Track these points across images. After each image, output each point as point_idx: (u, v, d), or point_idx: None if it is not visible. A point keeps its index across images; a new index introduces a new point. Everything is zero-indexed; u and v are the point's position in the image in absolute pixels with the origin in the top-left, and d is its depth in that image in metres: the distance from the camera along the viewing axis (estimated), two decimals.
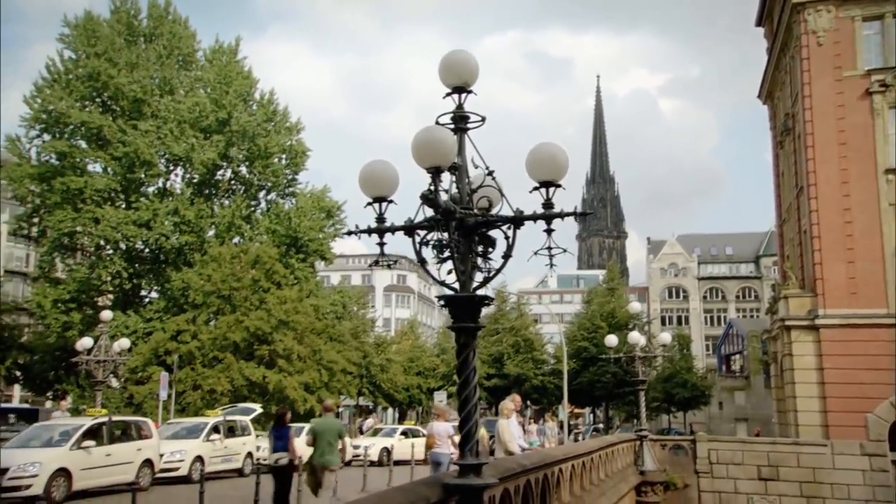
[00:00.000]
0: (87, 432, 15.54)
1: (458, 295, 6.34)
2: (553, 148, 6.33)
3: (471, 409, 6.15)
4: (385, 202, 6.52)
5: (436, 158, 6.01)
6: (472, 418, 6.15)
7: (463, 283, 6.36)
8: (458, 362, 6.40)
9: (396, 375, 55.09)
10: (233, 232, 40.47)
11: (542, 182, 6.27)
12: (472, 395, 6.20)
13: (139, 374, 33.21)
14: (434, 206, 6.04)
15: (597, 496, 13.25)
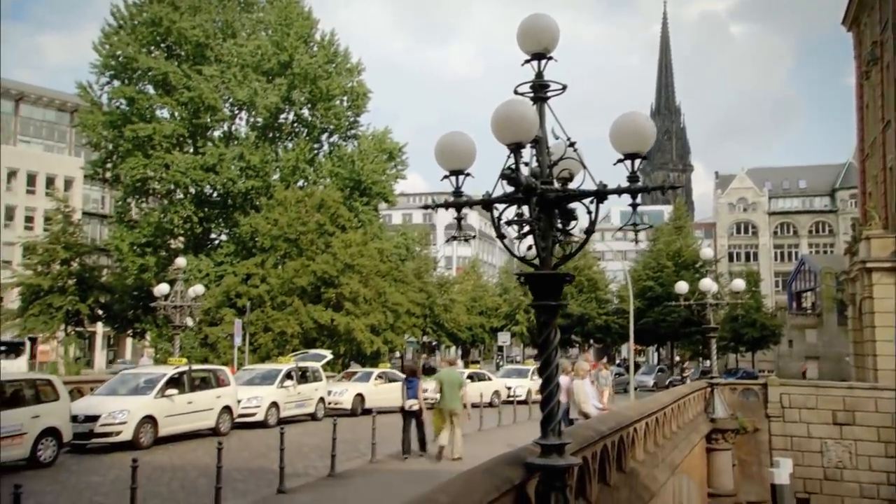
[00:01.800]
0: (170, 381, 16.26)
1: (539, 273, 6.15)
2: (639, 118, 5.99)
3: (553, 389, 6.03)
4: (462, 175, 6.31)
5: (517, 134, 5.75)
6: (555, 398, 6.03)
7: (543, 259, 6.16)
8: (539, 340, 6.26)
9: (459, 315, 55.63)
10: (297, 176, 40.90)
11: (627, 154, 5.96)
12: (555, 374, 6.08)
13: (212, 315, 34.38)
14: (515, 185, 5.82)
15: (669, 450, 13.16)
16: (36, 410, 12.96)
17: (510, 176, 5.76)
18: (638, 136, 5.98)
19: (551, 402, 6.04)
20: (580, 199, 6.24)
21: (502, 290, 64.76)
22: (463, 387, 13.94)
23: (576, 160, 6.41)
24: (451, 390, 13.61)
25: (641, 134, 5.98)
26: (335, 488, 10.50)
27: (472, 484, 5.31)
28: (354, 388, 23.19)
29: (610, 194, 6.14)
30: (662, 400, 13.33)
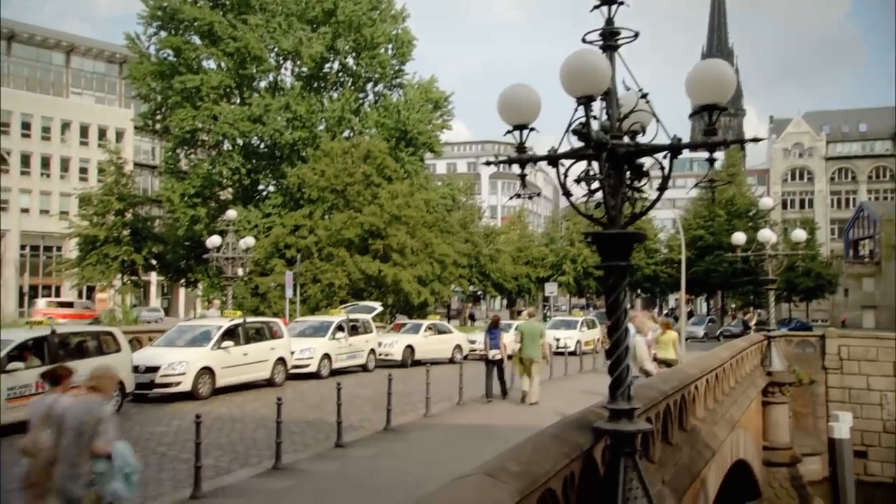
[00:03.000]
0: (226, 333, 16.55)
1: (607, 232, 5.89)
2: (718, 66, 5.60)
3: (622, 353, 5.82)
4: (526, 130, 6.04)
5: (588, 86, 5.43)
6: (624, 361, 5.84)
7: (613, 218, 5.89)
8: (608, 303, 6.03)
9: (505, 265, 55.47)
10: (343, 126, 40.74)
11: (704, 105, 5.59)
12: (624, 337, 5.87)
13: (262, 266, 34.87)
14: (586, 140, 5.52)
15: (728, 406, 12.92)
16: (99, 362, 13.27)
17: (581, 131, 5.46)
18: (717, 85, 5.61)
19: (620, 365, 5.84)
20: (653, 153, 5.93)
21: (548, 239, 64.23)
22: (542, 337, 14.89)
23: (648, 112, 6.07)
24: (531, 340, 14.57)
25: (720, 83, 5.61)
26: (393, 443, 10.57)
27: (542, 450, 5.19)
28: (404, 339, 23.34)
29: (685, 148, 5.81)
30: (722, 355, 13.02)
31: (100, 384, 5.63)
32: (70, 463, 5.21)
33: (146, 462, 9.78)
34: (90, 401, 5.50)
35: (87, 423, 5.28)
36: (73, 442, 5.23)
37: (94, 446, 5.25)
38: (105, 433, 5.33)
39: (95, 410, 5.43)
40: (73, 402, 5.46)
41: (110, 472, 5.25)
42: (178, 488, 8.41)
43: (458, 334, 26.13)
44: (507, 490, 4.35)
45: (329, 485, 8.35)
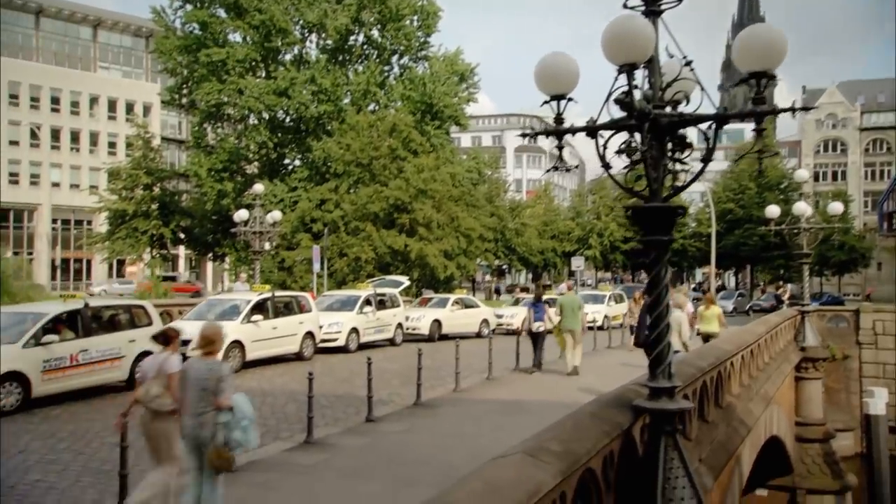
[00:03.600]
0: (255, 307, 16.60)
1: (649, 206, 5.69)
2: (770, 31, 5.34)
3: (663, 329, 5.66)
4: (564, 100, 5.84)
5: (631, 54, 5.21)
6: (665, 338, 5.68)
7: (654, 191, 5.69)
8: (649, 279, 5.86)
9: (531, 239, 55.18)
10: (368, 99, 40.51)
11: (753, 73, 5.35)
12: (665, 314, 5.70)
13: (289, 240, 35.01)
14: (628, 109, 5.32)
15: (763, 382, 12.70)
16: (131, 335, 13.41)
17: (624, 100, 5.25)
18: (768, 51, 5.36)
19: (661, 342, 5.69)
20: (698, 123, 5.71)
21: (575, 213, 63.70)
22: (581, 309, 15.69)
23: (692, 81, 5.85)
24: (570, 312, 15.37)
25: (772, 49, 5.35)
26: (423, 418, 10.53)
27: (583, 429, 5.07)
28: (431, 313, 23.30)
29: (732, 118, 5.58)
30: (757, 331, 12.77)
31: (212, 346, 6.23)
32: (196, 414, 5.95)
33: None
34: (211, 361, 6.15)
35: (209, 381, 5.94)
36: (197, 396, 5.95)
37: (216, 400, 5.92)
38: (225, 389, 5.98)
39: (216, 369, 6.06)
40: (197, 362, 6.15)
41: (232, 423, 5.93)
42: None
43: (485, 309, 26.04)
44: (548, 470, 4.25)
45: (361, 459, 8.34)
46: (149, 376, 6.42)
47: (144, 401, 6.33)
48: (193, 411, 5.96)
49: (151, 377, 6.39)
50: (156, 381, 6.33)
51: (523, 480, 4.04)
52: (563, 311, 15.51)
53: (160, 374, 6.35)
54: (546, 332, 15.95)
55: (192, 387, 5.98)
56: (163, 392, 6.28)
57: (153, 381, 6.35)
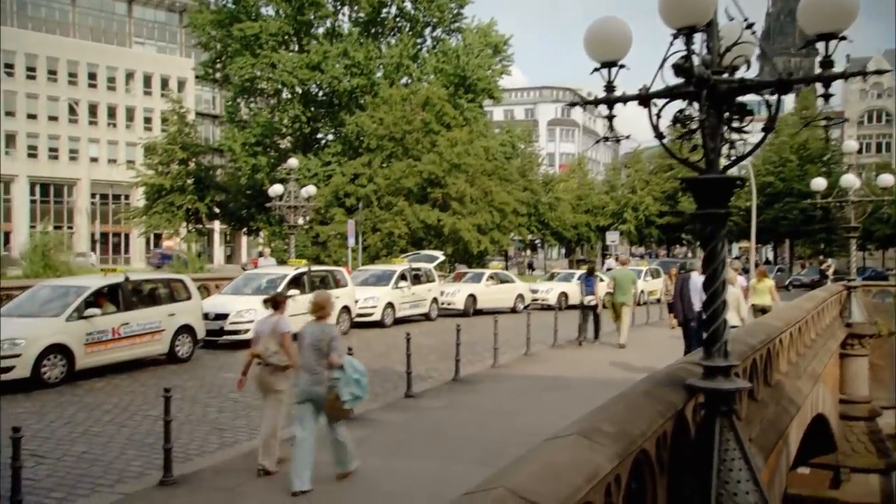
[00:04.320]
0: (291, 281, 16.63)
1: (706, 177, 5.44)
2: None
3: (719, 306, 5.44)
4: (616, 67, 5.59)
5: (691, 15, 4.95)
6: (721, 315, 5.45)
7: (711, 161, 5.43)
8: (705, 253, 5.62)
9: (564, 213, 54.65)
10: (401, 73, 40.18)
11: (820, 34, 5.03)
12: (721, 290, 5.47)
13: (322, 214, 35.06)
14: (687, 76, 5.05)
15: (810, 359, 12.37)
16: (171, 309, 13.52)
17: (683, 66, 4.99)
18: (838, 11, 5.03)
19: (717, 319, 5.47)
20: (759, 90, 5.42)
21: (609, 187, 62.87)
22: (634, 283, 16.10)
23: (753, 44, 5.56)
24: (623, 286, 15.66)
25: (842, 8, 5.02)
26: (462, 394, 10.44)
27: (636, 409, 4.89)
28: (466, 288, 23.18)
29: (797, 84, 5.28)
30: (804, 306, 12.42)
31: (323, 310, 6.89)
32: (312, 371, 6.64)
33: (221, 408, 9.93)
34: (323, 323, 6.85)
35: (322, 341, 6.63)
36: (312, 356, 6.64)
37: (329, 359, 6.60)
38: (337, 348, 6.67)
39: (328, 331, 6.79)
40: (311, 325, 6.84)
41: (344, 379, 6.61)
42: (252, 436, 8.45)
43: (521, 283, 25.83)
44: (604, 453, 4.09)
45: (403, 436, 8.28)
46: (263, 336, 7.16)
47: (265, 356, 7.06)
48: (309, 369, 6.64)
49: (266, 336, 7.13)
50: (271, 340, 7.08)
51: (580, 463, 3.90)
52: (616, 286, 15.78)
53: (274, 334, 7.09)
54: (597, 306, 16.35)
55: (307, 347, 6.66)
56: (278, 349, 7.03)
57: (268, 340, 7.10)
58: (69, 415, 9.51)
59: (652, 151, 68.64)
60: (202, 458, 7.58)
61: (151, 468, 7.20)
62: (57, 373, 11.27)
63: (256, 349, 7.15)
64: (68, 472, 7.14)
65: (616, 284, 15.89)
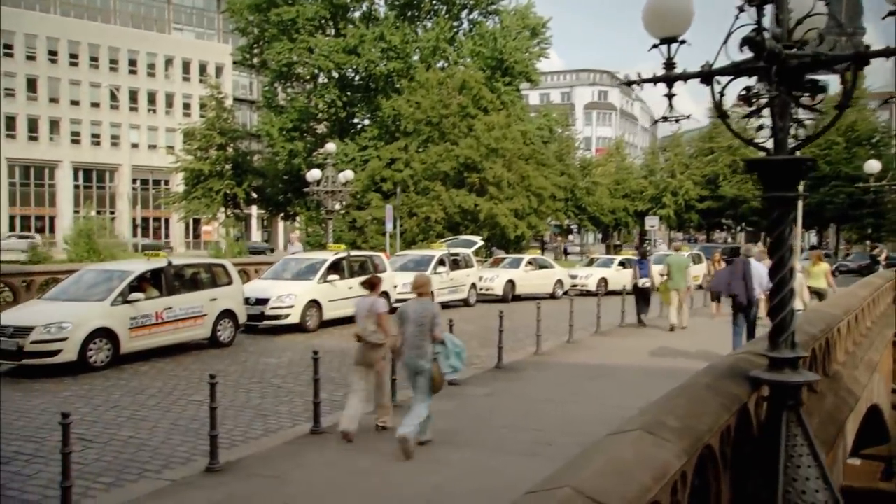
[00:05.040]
0: (331, 266, 16.59)
1: (774, 158, 5.15)
2: None
3: (786, 295, 5.16)
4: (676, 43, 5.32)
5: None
6: (788, 304, 5.18)
7: (780, 141, 5.14)
8: (771, 239, 5.34)
9: (602, 198, 53.94)
10: (437, 56, 39.87)
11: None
12: (789, 278, 5.19)
13: (359, 199, 35.05)
14: (758, 50, 4.75)
15: (866, 349, 11.94)
16: (213, 293, 13.55)
17: (754, 39, 4.70)
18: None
19: (784, 309, 5.20)
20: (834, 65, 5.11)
21: (647, 171, 61.84)
22: (688, 268, 16.34)
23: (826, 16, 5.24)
24: (678, 272, 15.93)
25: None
26: (507, 382, 10.26)
27: (700, 402, 4.66)
28: (505, 274, 22.94)
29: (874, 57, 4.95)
30: (860, 294, 11.98)
31: (423, 289, 7.40)
32: (415, 346, 7.09)
33: (264, 394, 9.90)
34: (424, 301, 7.36)
35: (424, 318, 7.09)
36: (415, 331, 7.08)
37: (433, 334, 7.09)
38: (439, 324, 7.18)
39: (429, 308, 7.27)
40: (413, 303, 7.33)
41: (445, 352, 7.15)
42: (296, 422, 8.40)
43: (560, 269, 25.50)
44: (670, 449, 3.88)
45: (449, 424, 8.12)
46: (361, 315, 7.69)
47: (364, 335, 7.57)
48: (412, 344, 7.09)
49: (364, 316, 7.64)
50: (369, 319, 7.57)
51: (646, 460, 3.69)
52: (670, 271, 16.02)
53: (371, 314, 7.56)
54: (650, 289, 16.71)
55: (411, 323, 7.09)
56: (376, 328, 7.50)
57: (366, 319, 7.60)
58: (115, 399, 9.58)
59: (692, 135, 67.30)
60: (247, 444, 7.53)
61: (197, 454, 7.18)
62: (103, 356, 11.37)
63: (356, 329, 7.70)
64: (115, 457, 7.15)
65: (669, 269, 16.11)
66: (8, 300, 16.70)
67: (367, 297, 7.86)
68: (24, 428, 8.19)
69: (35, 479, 6.59)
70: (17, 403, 9.35)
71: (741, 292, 11.70)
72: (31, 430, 8.11)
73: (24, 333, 10.88)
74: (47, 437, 7.75)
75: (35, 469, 6.84)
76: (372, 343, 7.53)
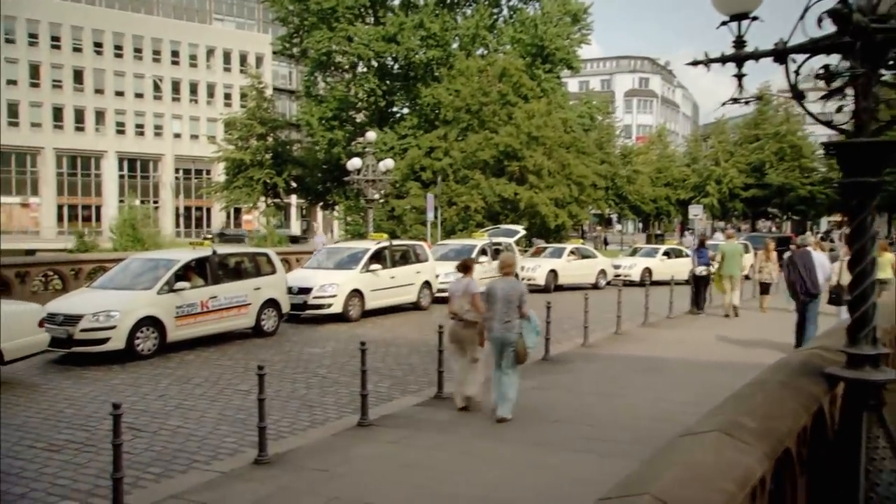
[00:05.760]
0: (373, 256, 16.48)
1: (857, 141, 4.80)
2: None
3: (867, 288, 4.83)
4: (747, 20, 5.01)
5: None
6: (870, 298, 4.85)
7: (862, 123, 4.79)
8: (851, 228, 5.00)
9: (643, 187, 53.05)
10: (477, 44, 39.49)
11: None
12: (870, 270, 4.86)
13: (398, 188, 34.96)
14: (844, 24, 4.42)
15: None
16: (257, 282, 13.55)
17: (840, 12, 4.36)
18: None
19: (865, 302, 4.86)
20: None
21: (690, 159, 60.65)
22: (742, 256, 16.71)
23: None
24: (731, 259, 16.30)
25: None
26: (556, 374, 10.02)
27: (777, 402, 4.37)
28: (547, 264, 22.61)
29: None
30: None
31: (509, 268, 8.03)
32: (503, 320, 7.67)
33: (309, 384, 9.82)
34: (511, 280, 7.95)
35: (512, 295, 7.66)
36: (503, 308, 7.64)
37: (521, 310, 7.69)
38: (526, 301, 7.74)
39: (517, 286, 7.86)
40: (501, 281, 7.87)
41: (529, 327, 7.86)
42: (342, 414, 8.29)
43: (603, 259, 25.08)
44: (752, 454, 3.61)
45: None
46: (456, 296, 8.20)
47: (460, 314, 8.11)
48: (500, 319, 7.65)
49: (458, 296, 8.17)
50: (464, 299, 8.08)
51: (728, 465, 3.43)
52: (724, 258, 16.34)
53: (465, 294, 8.08)
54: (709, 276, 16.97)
55: (499, 300, 7.64)
56: (470, 307, 8.00)
57: (461, 299, 8.12)
58: (163, 387, 9.59)
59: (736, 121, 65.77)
60: (294, 436, 7.43)
61: (245, 445, 7.10)
62: (149, 345, 11.43)
63: (453, 307, 8.21)
64: (164, 447, 7.11)
65: (724, 257, 16.37)
66: (57, 287, 16.99)
67: (461, 279, 8.35)
68: (74, 416, 8.23)
69: (86, 468, 6.57)
70: (67, 391, 9.42)
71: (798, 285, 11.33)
72: (82, 418, 8.14)
73: (74, 321, 10.97)
74: (97, 426, 7.76)
75: (86, 458, 6.83)
76: (466, 321, 8.07)
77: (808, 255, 11.49)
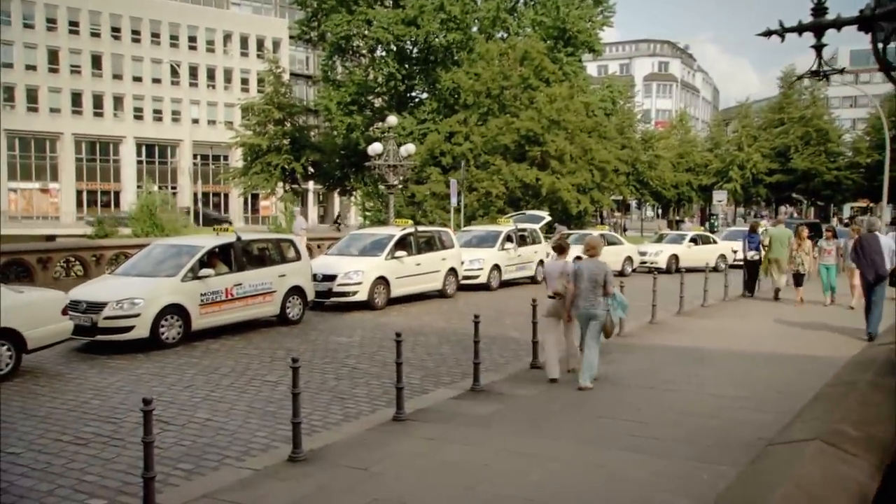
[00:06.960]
0: (398, 242, 16.13)
1: None
2: None
3: None
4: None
5: None
6: None
7: None
8: None
9: (665, 172, 52.27)
10: (497, 26, 38.86)
11: None
12: None
13: (418, 173, 34.52)
14: None
15: None
16: (282, 270, 13.25)
17: None
18: None
19: None
20: None
21: (713, 144, 59.73)
22: (790, 241, 16.62)
23: None
24: (779, 244, 16.75)
25: None
26: None
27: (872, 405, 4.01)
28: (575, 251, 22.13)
29: None
30: None
31: (595, 250, 8.59)
32: (589, 298, 8.39)
33: (338, 375, 9.52)
34: (596, 260, 8.54)
35: (598, 274, 8.37)
36: (588, 286, 8.36)
37: (606, 289, 8.36)
38: (611, 281, 8.45)
39: (602, 267, 8.50)
40: (587, 262, 8.52)
41: (614, 304, 8.66)
42: (375, 407, 7.97)
43: (629, 245, 24.59)
44: (860, 466, 3.24)
45: (538, 412, 7.59)
46: (553, 276, 8.88)
47: (561, 292, 8.71)
48: (587, 296, 8.38)
49: (556, 277, 8.81)
50: (561, 280, 8.72)
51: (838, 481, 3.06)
52: (771, 243, 16.92)
53: (563, 275, 8.71)
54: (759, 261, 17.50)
55: (586, 279, 8.36)
56: (567, 286, 8.59)
57: (559, 280, 8.76)
58: (189, 377, 9.32)
59: (760, 105, 64.63)
60: (328, 431, 7.12)
61: (277, 440, 6.81)
62: (174, 333, 11.17)
63: (555, 287, 8.79)
64: (194, 441, 6.83)
65: (772, 241, 16.88)
66: (79, 274, 16.81)
67: (556, 260, 9.04)
68: (100, 407, 7.98)
69: (114, 463, 6.30)
70: (91, 381, 9.18)
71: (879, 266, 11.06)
72: (108, 409, 7.88)
73: (98, 309, 10.73)
74: (124, 418, 7.50)
75: (114, 452, 6.56)
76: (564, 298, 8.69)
77: (875, 240, 11.27)
